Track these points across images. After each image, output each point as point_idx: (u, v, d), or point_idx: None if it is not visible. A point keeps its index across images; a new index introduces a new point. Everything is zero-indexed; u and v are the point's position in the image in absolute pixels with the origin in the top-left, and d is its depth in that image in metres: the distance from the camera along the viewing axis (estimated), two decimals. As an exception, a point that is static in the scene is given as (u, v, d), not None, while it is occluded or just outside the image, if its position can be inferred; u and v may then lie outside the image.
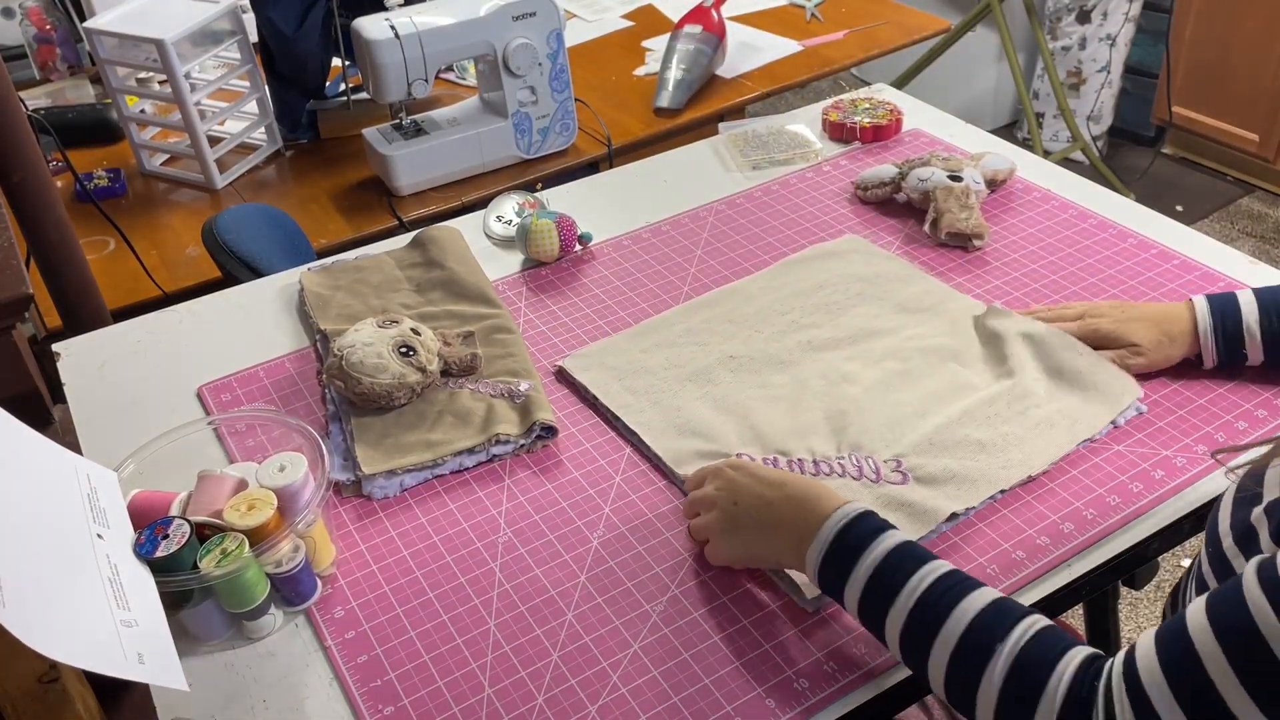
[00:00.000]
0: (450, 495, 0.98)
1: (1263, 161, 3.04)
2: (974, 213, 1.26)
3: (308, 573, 0.87)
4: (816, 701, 0.78)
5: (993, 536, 0.90)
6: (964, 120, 1.55)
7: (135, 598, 0.74)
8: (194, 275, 1.60)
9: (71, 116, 1.96)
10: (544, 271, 1.29)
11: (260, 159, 1.90)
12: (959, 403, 1.01)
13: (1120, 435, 0.99)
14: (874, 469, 0.95)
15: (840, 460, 0.97)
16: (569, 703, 0.79)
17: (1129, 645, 0.66)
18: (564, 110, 1.79)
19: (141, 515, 0.84)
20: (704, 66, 1.99)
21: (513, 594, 0.88)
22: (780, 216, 1.35)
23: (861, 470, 0.95)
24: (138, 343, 1.22)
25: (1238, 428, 0.99)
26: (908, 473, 0.94)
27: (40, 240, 1.40)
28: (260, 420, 1.04)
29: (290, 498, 0.86)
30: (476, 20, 1.63)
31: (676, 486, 0.97)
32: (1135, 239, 1.25)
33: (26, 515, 0.70)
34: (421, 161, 1.72)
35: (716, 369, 1.09)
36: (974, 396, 1.01)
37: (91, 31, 1.74)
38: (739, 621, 0.84)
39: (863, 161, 1.46)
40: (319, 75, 1.92)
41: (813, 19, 2.30)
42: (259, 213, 1.57)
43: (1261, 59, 2.88)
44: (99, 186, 1.80)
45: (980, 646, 0.69)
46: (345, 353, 1.03)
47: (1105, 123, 3.33)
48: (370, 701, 0.80)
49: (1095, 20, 3.15)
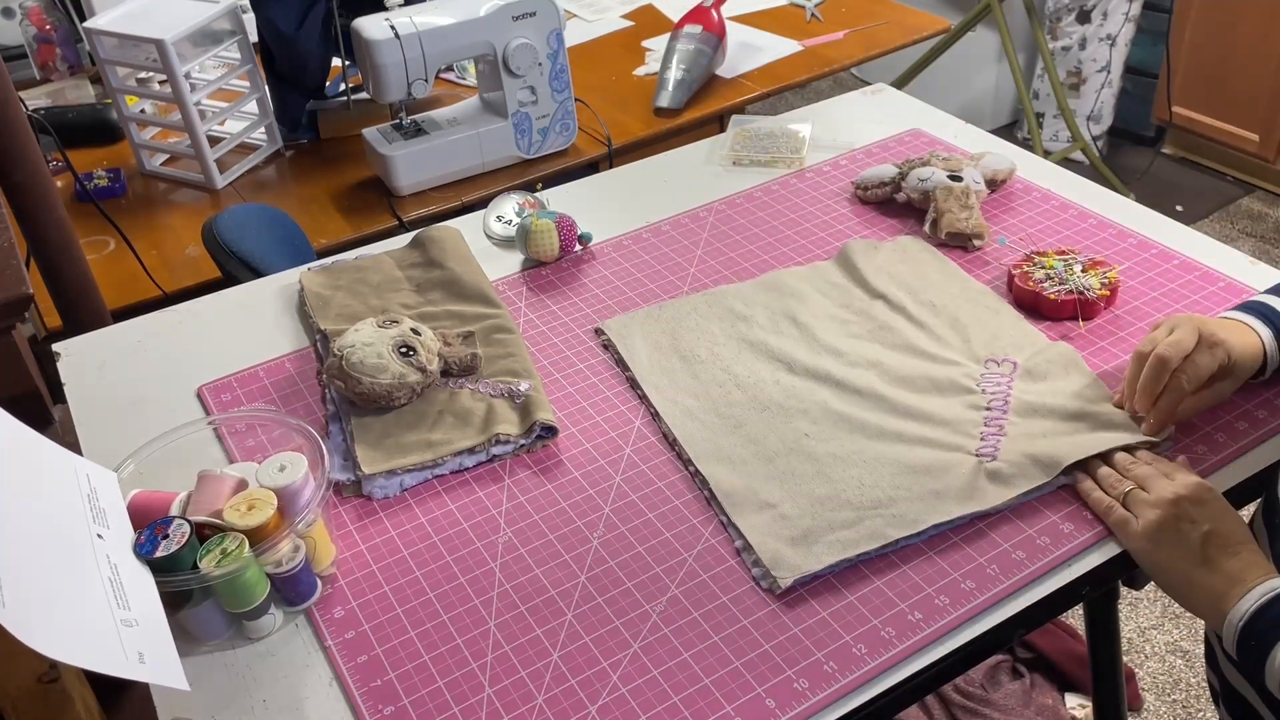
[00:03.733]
0: (450, 495, 0.98)
1: (1263, 161, 3.04)
2: (974, 213, 1.26)
3: (308, 573, 0.87)
4: (816, 701, 0.78)
5: (993, 537, 0.90)
6: (964, 120, 1.55)
7: (135, 598, 0.74)
8: (194, 275, 1.60)
9: (71, 116, 1.96)
10: (544, 271, 1.29)
11: (260, 159, 1.90)
12: None
13: (1120, 435, 0.99)
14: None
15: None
16: (569, 703, 0.79)
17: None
18: (564, 110, 1.79)
19: (141, 515, 0.84)
20: (704, 66, 1.99)
21: (513, 594, 0.88)
22: (780, 216, 1.35)
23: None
24: (138, 343, 1.22)
25: (1238, 428, 0.99)
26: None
27: (40, 240, 1.40)
28: (260, 420, 1.04)
29: (290, 498, 0.86)
30: (476, 20, 1.63)
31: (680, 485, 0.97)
32: (1135, 239, 1.25)
33: (27, 515, 0.70)
34: (421, 161, 1.72)
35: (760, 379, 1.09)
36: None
37: (91, 31, 1.74)
38: (739, 621, 0.84)
39: (861, 163, 1.46)
40: (319, 75, 1.92)
41: (813, 19, 2.30)
42: (259, 213, 1.57)
43: (1261, 59, 2.88)
44: (99, 186, 1.80)
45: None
46: (345, 353, 1.03)
47: (1105, 123, 3.33)
48: (370, 701, 0.80)
49: (1095, 20, 3.15)
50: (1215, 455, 0.96)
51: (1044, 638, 1.89)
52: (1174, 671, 1.90)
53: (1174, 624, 1.99)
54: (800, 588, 0.87)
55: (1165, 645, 1.96)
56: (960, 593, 0.86)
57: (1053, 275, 1.15)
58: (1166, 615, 2.01)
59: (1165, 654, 1.94)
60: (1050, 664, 1.88)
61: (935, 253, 1.25)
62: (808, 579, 0.86)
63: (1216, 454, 0.96)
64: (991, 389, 1.04)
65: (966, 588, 0.86)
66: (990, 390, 1.04)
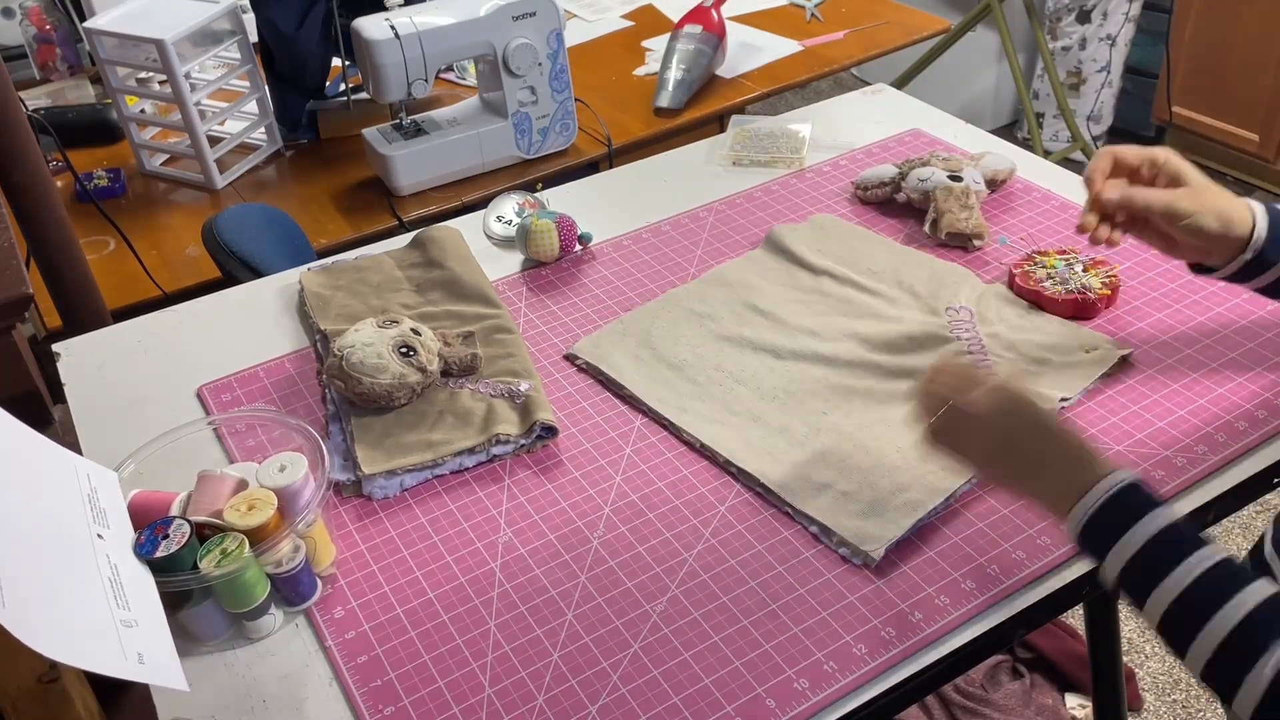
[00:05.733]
0: (450, 495, 0.98)
1: (1263, 161, 3.04)
2: (974, 213, 1.26)
3: (308, 573, 0.87)
4: (816, 701, 0.78)
5: (993, 537, 0.90)
6: (964, 120, 1.55)
7: (135, 598, 0.74)
8: (194, 275, 1.60)
9: (71, 116, 1.96)
10: (544, 271, 1.29)
11: (260, 159, 1.90)
12: None
13: (1120, 435, 0.99)
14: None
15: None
16: (569, 703, 0.79)
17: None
18: (564, 110, 1.79)
19: (141, 515, 0.84)
20: (704, 66, 1.98)
21: (513, 594, 0.88)
22: (780, 217, 1.35)
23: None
24: (138, 343, 1.22)
25: (1238, 428, 0.99)
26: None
27: (40, 240, 1.40)
28: (260, 420, 1.04)
29: (290, 498, 0.86)
30: (476, 20, 1.63)
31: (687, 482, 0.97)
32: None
33: (27, 515, 0.70)
34: (421, 161, 1.72)
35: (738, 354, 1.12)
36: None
37: (91, 31, 1.74)
38: (739, 621, 0.84)
39: (861, 163, 1.46)
40: (319, 75, 1.92)
41: (813, 19, 2.30)
42: (259, 213, 1.57)
43: (1261, 59, 2.88)
44: (99, 186, 1.80)
45: (1254, 639, 0.69)
46: (345, 353, 1.03)
47: (1105, 123, 3.33)
48: (370, 701, 0.80)
49: (1095, 20, 3.15)
50: (1215, 455, 0.96)
51: (1044, 638, 1.89)
52: (1174, 671, 1.90)
53: (1174, 624, 1.99)
54: (800, 588, 0.87)
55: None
56: (960, 593, 0.86)
57: (1054, 275, 1.15)
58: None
59: (1165, 654, 1.94)
60: (1050, 664, 1.88)
61: (849, 224, 1.31)
62: (893, 545, 0.88)
63: (1216, 454, 0.96)
64: (965, 334, 1.10)
65: (966, 588, 0.86)
66: (965, 336, 1.10)
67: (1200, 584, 0.72)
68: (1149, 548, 0.75)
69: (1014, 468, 0.83)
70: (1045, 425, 0.82)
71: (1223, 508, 0.96)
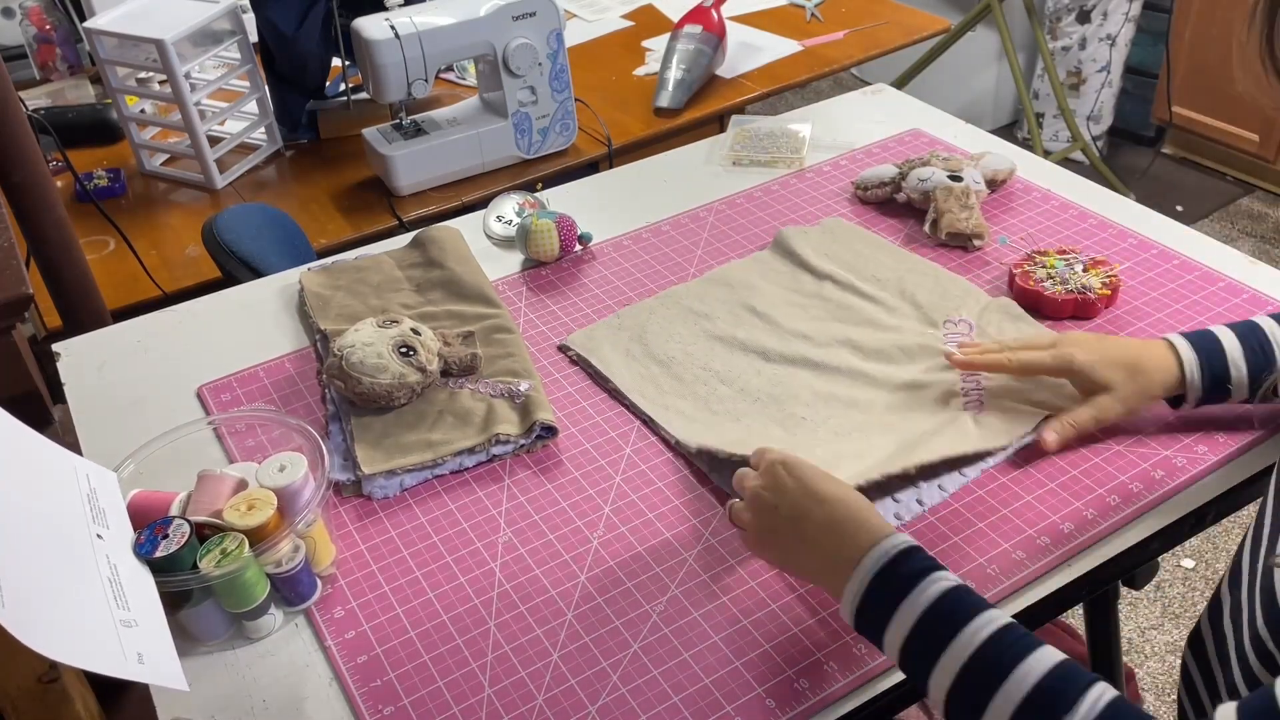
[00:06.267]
0: (450, 495, 0.98)
1: (1263, 161, 3.04)
2: (974, 213, 1.26)
3: (308, 573, 0.87)
4: (816, 701, 0.78)
5: (993, 537, 0.90)
6: (964, 120, 1.55)
7: (135, 598, 0.74)
8: (194, 275, 1.60)
9: (71, 116, 1.96)
10: (544, 271, 1.29)
11: (260, 159, 1.90)
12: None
13: (1120, 435, 0.99)
14: None
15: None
16: (569, 703, 0.79)
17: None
18: (564, 110, 1.79)
19: (141, 515, 0.84)
20: (704, 66, 1.98)
21: (513, 594, 0.88)
22: (781, 217, 1.35)
23: None
24: (138, 343, 1.22)
25: (1237, 428, 0.99)
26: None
27: (40, 240, 1.40)
28: (260, 420, 1.04)
29: (290, 498, 0.86)
30: (476, 20, 1.63)
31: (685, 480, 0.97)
32: (1135, 239, 1.25)
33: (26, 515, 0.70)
34: (421, 161, 1.72)
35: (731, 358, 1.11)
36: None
37: (91, 31, 1.74)
38: (739, 622, 0.84)
39: (861, 163, 1.46)
40: (319, 75, 1.92)
41: (813, 19, 2.30)
42: (259, 213, 1.57)
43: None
44: (99, 186, 1.80)
45: (1045, 713, 0.64)
46: (345, 353, 1.03)
47: (1105, 123, 3.33)
48: (370, 701, 0.80)
49: (1095, 20, 3.15)
50: (1215, 455, 0.96)
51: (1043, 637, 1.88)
52: (1174, 671, 1.90)
53: (1174, 624, 1.99)
54: (801, 588, 0.87)
55: (1165, 645, 1.96)
56: (960, 593, 0.85)
57: (1054, 275, 1.15)
58: (1166, 615, 2.01)
59: (1165, 654, 1.94)
60: (1050, 664, 1.88)
61: (859, 228, 1.30)
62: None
63: (1217, 454, 0.96)
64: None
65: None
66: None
67: (980, 656, 0.68)
68: (923, 620, 0.70)
69: (780, 554, 0.82)
70: (801, 504, 0.79)
71: (1223, 507, 0.96)
